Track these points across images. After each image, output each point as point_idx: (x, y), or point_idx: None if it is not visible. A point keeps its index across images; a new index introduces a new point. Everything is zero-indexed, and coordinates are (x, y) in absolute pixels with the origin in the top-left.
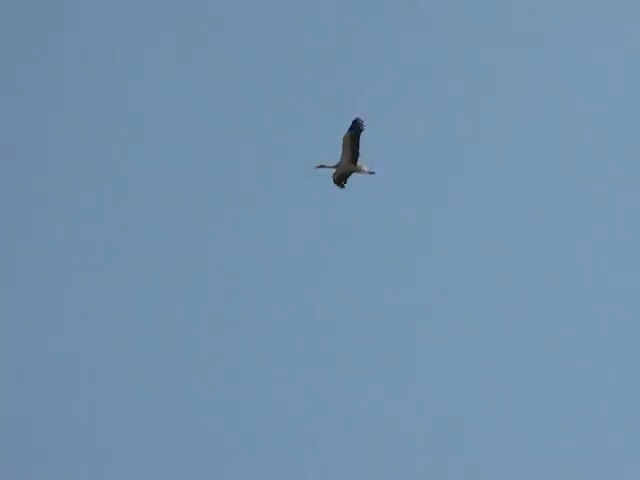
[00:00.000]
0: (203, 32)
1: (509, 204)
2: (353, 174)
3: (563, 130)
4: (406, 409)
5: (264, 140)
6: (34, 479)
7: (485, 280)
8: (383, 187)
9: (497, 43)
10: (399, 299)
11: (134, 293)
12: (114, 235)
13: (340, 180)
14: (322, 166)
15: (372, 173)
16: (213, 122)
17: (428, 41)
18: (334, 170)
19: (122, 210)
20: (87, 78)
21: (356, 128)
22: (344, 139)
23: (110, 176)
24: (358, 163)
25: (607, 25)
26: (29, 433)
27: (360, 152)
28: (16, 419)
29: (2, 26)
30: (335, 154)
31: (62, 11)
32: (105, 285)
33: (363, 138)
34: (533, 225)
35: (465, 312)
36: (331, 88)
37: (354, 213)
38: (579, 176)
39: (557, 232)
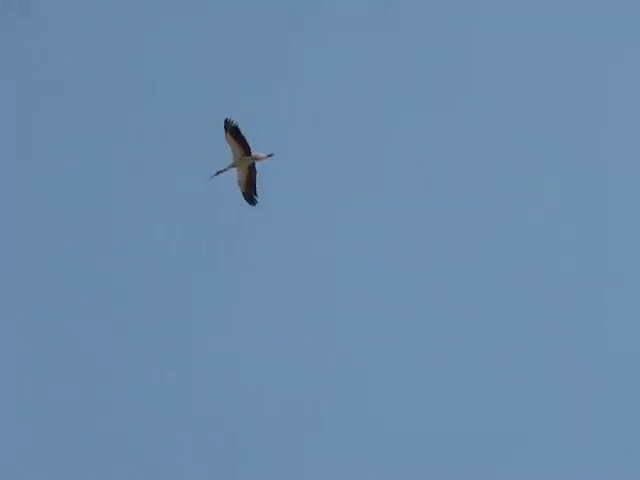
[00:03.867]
0: None
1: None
2: (259, 178)
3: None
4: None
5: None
6: None
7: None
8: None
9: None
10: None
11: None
12: None
13: (250, 191)
14: (218, 172)
15: (271, 155)
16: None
17: None
18: (233, 171)
19: None
20: None
21: (230, 125)
22: (227, 140)
23: None
24: (252, 153)
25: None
26: None
27: (249, 143)
28: None
29: None
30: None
31: None
32: None
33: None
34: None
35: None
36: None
37: None
38: None
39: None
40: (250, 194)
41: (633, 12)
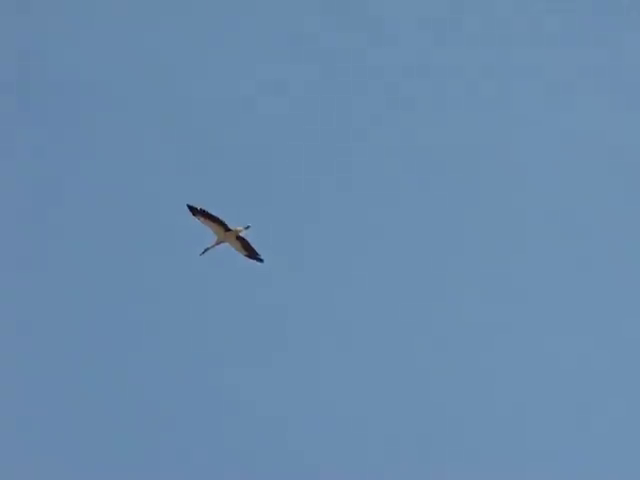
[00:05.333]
0: None
1: None
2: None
3: None
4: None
5: None
6: None
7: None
8: None
9: None
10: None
11: None
12: None
13: (252, 254)
14: (206, 250)
15: (248, 227)
16: None
17: None
18: (223, 246)
19: None
20: None
21: (196, 210)
22: (202, 222)
23: None
24: (232, 228)
25: None
26: None
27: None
28: None
29: None
30: None
31: None
32: None
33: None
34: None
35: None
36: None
37: None
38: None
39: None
40: (253, 256)
41: None
